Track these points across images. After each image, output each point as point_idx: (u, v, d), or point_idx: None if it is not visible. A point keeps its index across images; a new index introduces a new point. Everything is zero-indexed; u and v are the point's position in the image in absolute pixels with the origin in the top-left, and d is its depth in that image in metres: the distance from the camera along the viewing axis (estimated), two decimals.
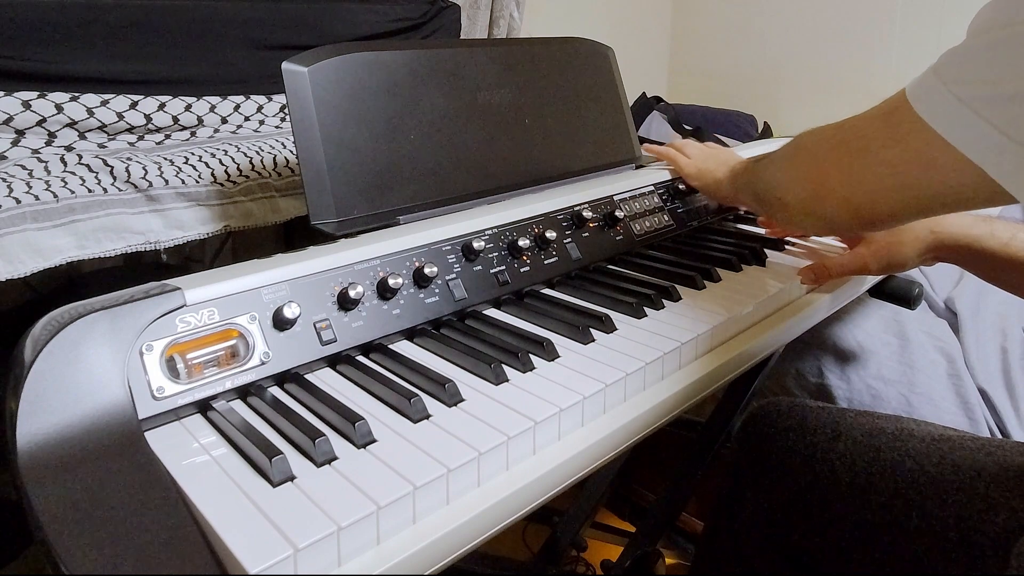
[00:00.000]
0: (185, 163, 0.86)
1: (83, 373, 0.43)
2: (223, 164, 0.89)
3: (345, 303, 0.57)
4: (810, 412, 0.82)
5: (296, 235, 1.00)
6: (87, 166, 0.80)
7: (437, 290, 0.64)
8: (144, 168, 0.82)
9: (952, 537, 0.64)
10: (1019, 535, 0.59)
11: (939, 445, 0.71)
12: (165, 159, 0.85)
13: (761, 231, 0.95)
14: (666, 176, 0.94)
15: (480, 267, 0.68)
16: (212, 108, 0.97)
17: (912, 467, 0.70)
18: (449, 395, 0.52)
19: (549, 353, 0.59)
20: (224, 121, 0.99)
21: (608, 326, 0.64)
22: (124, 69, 0.89)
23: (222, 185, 0.86)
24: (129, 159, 0.83)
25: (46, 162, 0.80)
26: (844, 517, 0.72)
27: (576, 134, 0.94)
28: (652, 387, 0.59)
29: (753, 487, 0.83)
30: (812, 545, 0.75)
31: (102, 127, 0.87)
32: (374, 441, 0.47)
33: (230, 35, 1.00)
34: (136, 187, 0.80)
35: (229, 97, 0.99)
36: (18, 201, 0.72)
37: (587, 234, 0.80)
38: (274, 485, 0.42)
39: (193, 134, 0.96)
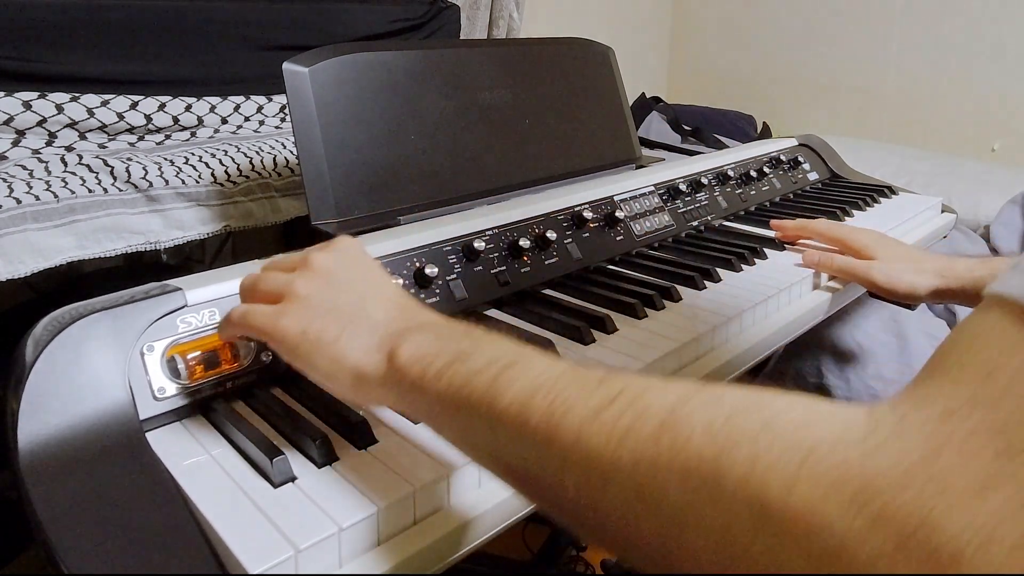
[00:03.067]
0: (185, 163, 0.86)
1: (84, 373, 0.43)
2: (223, 164, 0.89)
3: None
4: None
5: (296, 235, 1.00)
6: (87, 166, 0.80)
7: (438, 290, 0.64)
8: (144, 168, 0.82)
9: None
10: None
11: None
12: (165, 159, 0.85)
13: (761, 231, 0.95)
14: (666, 176, 0.94)
15: (481, 267, 0.68)
16: (212, 108, 0.97)
17: None
18: None
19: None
20: (224, 121, 0.99)
21: (608, 327, 0.64)
22: (124, 69, 0.89)
23: (222, 185, 0.86)
24: (129, 159, 0.83)
25: (46, 162, 0.80)
26: None
27: (576, 134, 0.94)
28: None
29: None
30: None
31: (102, 127, 0.87)
32: (375, 442, 0.47)
33: (230, 36, 1.00)
34: (136, 187, 0.80)
35: (229, 97, 0.99)
36: (19, 201, 0.72)
37: (587, 234, 0.80)
38: (275, 486, 0.42)
39: (193, 134, 0.96)
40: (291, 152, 0.96)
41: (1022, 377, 0.23)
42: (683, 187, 0.94)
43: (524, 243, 0.71)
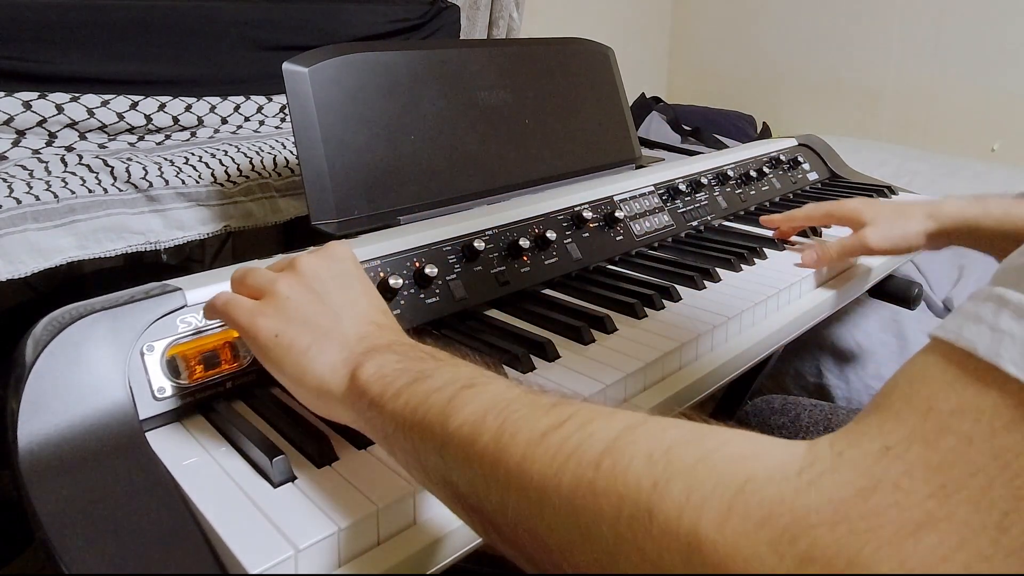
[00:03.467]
0: (185, 163, 0.86)
1: (84, 373, 0.43)
2: (223, 164, 0.89)
3: None
4: (803, 409, 0.83)
5: (296, 235, 1.00)
6: (87, 166, 0.80)
7: (437, 290, 0.64)
8: (144, 168, 0.82)
9: None
10: None
11: None
12: (165, 159, 0.85)
13: (761, 231, 0.96)
14: (666, 176, 0.94)
15: (480, 267, 0.68)
16: (212, 108, 0.97)
17: None
18: None
19: (549, 354, 0.59)
20: (224, 121, 0.99)
21: (608, 327, 0.64)
22: (124, 69, 0.90)
23: (222, 185, 0.87)
24: (129, 159, 0.83)
25: (47, 162, 0.80)
26: None
27: (576, 134, 0.94)
28: (652, 387, 0.59)
29: None
30: None
31: (102, 127, 0.87)
32: (375, 442, 0.47)
33: (230, 36, 1.00)
34: (136, 187, 0.80)
35: (229, 98, 0.99)
36: (19, 201, 0.72)
37: (587, 234, 0.80)
38: (275, 485, 0.42)
39: (193, 134, 0.97)
40: (291, 152, 0.96)
41: (959, 417, 0.22)
42: (683, 187, 0.94)
43: (524, 243, 0.71)
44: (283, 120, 1.05)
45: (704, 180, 0.99)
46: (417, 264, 0.63)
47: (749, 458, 0.25)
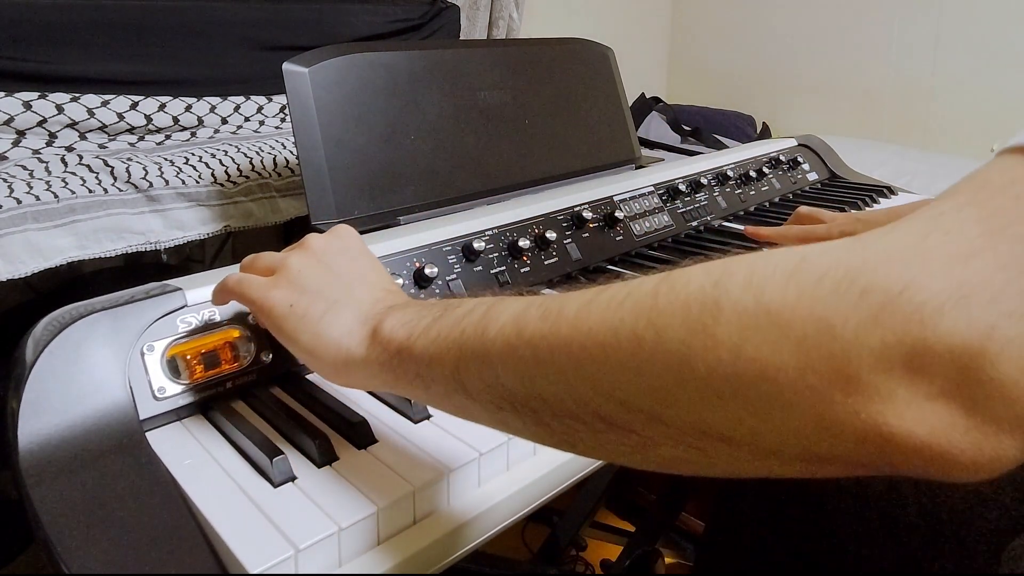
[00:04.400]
0: (185, 163, 0.86)
1: (84, 373, 0.43)
2: (223, 164, 0.89)
3: None
4: None
5: (296, 235, 1.00)
6: (88, 166, 0.80)
7: (437, 290, 0.64)
8: (144, 168, 0.82)
9: (945, 532, 0.64)
10: (1010, 534, 0.59)
11: None
12: (165, 159, 0.85)
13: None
14: (666, 176, 0.94)
15: (480, 267, 0.68)
16: (212, 109, 0.97)
17: None
18: None
19: None
20: (224, 122, 0.99)
21: None
22: (124, 70, 0.90)
23: (222, 185, 0.87)
24: (129, 159, 0.83)
25: (47, 162, 0.80)
26: (841, 512, 0.73)
27: (576, 134, 0.94)
28: None
29: (752, 485, 0.83)
30: (811, 542, 0.76)
31: (102, 127, 0.87)
32: (375, 441, 0.47)
33: (230, 36, 1.00)
34: (136, 187, 0.80)
35: (229, 98, 0.99)
36: (19, 201, 0.72)
37: (587, 235, 0.80)
38: (275, 485, 0.42)
39: (193, 134, 0.97)
40: (291, 152, 0.97)
41: (1011, 185, 0.24)
42: (683, 187, 0.94)
43: (524, 243, 0.71)
44: (283, 120, 1.05)
45: (704, 180, 0.99)
46: (417, 264, 0.63)
47: (805, 247, 0.26)
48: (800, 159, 1.18)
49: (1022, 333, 0.21)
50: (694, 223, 0.94)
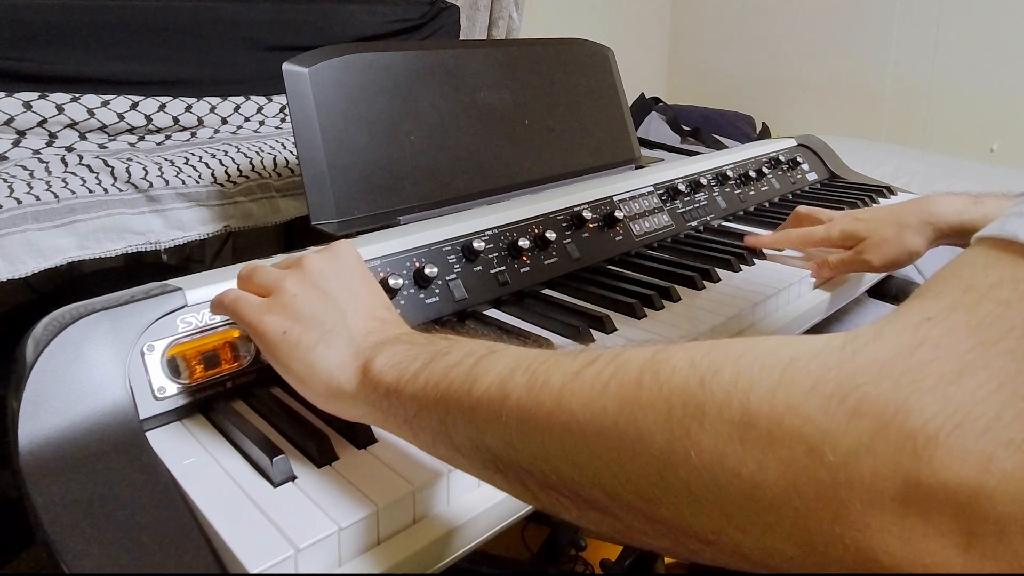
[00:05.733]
0: (185, 163, 0.86)
1: (84, 373, 0.44)
2: (223, 164, 0.89)
3: None
4: None
5: (296, 235, 1.01)
6: (88, 166, 0.81)
7: (437, 290, 0.64)
8: (144, 168, 0.82)
9: None
10: None
11: None
12: (165, 159, 0.85)
13: (760, 232, 0.96)
14: (666, 176, 0.94)
15: (480, 267, 0.68)
16: (212, 109, 0.97)
17: None
18: None
19: None
20: (224, 122, 0.99)
21: (608, 327, 0.64)
22: (125, 70, 0.90)
23: (222, 185, 0.87)
24: (130, 159, 0.83)
25: (47, 162, 0.80)
26: None
27: (576, 135, 0.95)
28: None
29: None
30: None
31: (103, 128, 0.87)
32: (375, 441, 0.47)
33: (230, 36, 1.00)
34: (136, 187, 0.80)
35: (229, 98, 0.99)
36: (19, 201, 0.72)
37: (587, 234, 0.80)
38: (275, 485, 0.42)
39: (193, 135, 0.97)
40: (291, 152, 0.97)
41: (998, 288, 0.23)
42: (682, 187, 0.94)
43: (523, 243, 0.71)
44: (283, 120, 1.05)
45: (703, 180, 0.99)
46: (417, 264, 0.63)
47: (791, 344, 0.26)
48: (799, 159, 1.18)
49: (1020, 465, 0.20)
50: (694, 223, 0.94)
